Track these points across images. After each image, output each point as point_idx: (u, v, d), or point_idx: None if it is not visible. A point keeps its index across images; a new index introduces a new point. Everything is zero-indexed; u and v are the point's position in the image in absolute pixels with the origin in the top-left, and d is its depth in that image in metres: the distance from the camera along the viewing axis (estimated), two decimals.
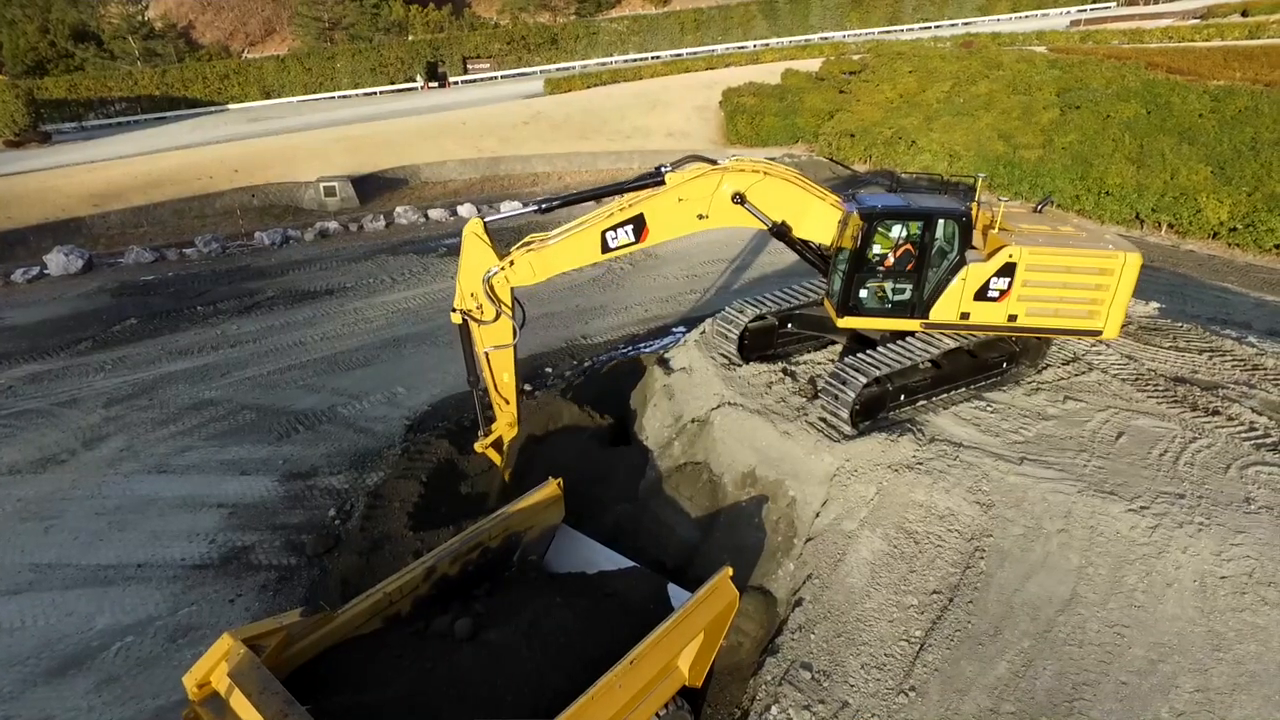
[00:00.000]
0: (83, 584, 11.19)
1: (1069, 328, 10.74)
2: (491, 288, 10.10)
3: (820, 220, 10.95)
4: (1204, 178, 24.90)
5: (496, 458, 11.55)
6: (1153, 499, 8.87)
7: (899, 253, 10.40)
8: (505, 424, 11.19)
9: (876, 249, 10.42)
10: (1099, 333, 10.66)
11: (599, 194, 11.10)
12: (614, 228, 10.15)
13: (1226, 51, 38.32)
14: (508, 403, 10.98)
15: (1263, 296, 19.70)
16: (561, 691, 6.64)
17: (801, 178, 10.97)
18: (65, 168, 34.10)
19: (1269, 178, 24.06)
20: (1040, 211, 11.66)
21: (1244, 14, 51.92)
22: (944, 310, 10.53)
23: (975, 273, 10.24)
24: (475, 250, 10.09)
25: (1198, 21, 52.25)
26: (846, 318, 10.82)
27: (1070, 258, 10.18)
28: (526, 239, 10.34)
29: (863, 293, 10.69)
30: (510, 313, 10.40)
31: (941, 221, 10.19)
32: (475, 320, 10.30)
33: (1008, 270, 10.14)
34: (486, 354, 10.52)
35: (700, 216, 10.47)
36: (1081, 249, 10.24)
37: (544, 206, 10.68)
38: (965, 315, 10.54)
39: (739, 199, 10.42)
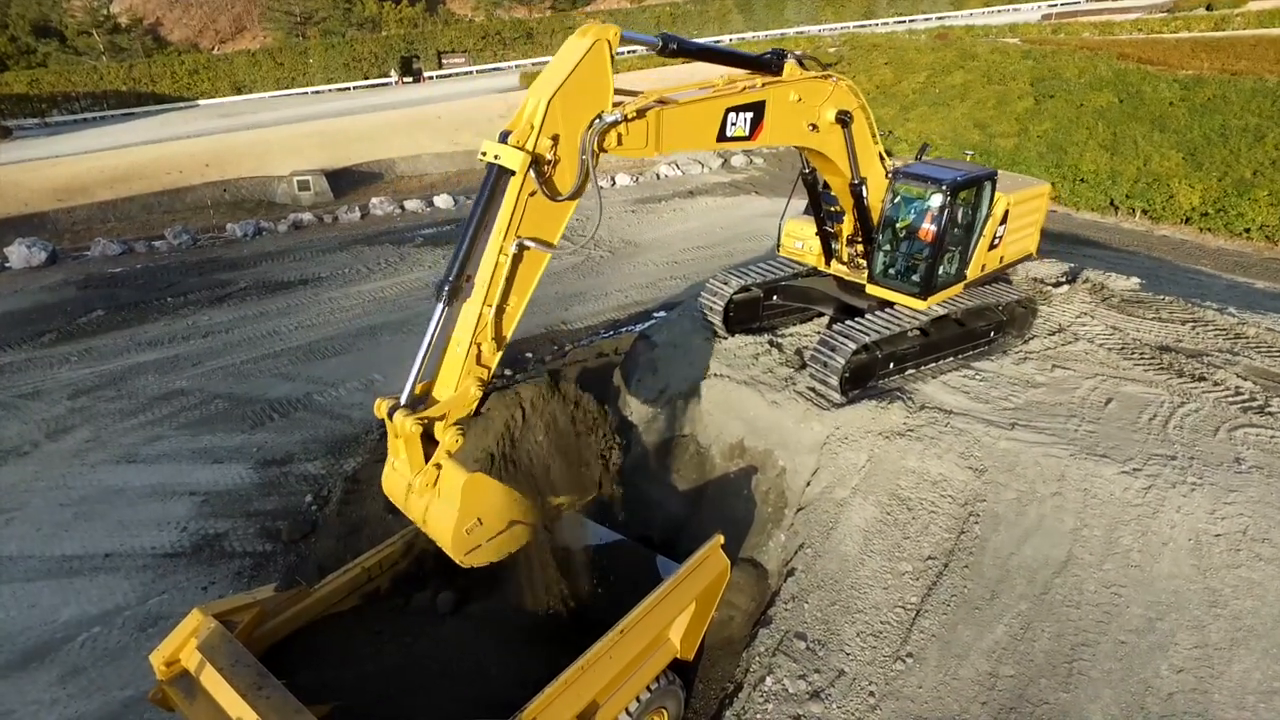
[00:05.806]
0: (46, 575, 10.73)
1: (1017, 256, 12.24)
2: (600, 140, 6.40)
3: (876, 188, 10.33)
4: (1176, 164, 25.22)
5: (418, 461, 6.15)
6: (1145, 461, 8.80)
7: (960, 222, 10.51)
8: (466, 396, 6.21)
9: (958, 221, 10.37)
10: (1031, 254, 12.55)
11: (718, 56, 8.18)
12: (738, 109, 7.87)
13: (1194, 43, 38.86)
14: (497, 349, 6.31)
15: (1234, 278, 19.99)
16: (549, 662, 6.38)
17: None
18: (27, 162, 33.08)
19: (1238, 163, 24.43)
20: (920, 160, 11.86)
21: (1209, 8, 52.84)
22: (974, 267, 11.08)
23: (990, 226, 10.91)
24: (596, 71, 6.21)
25: (1165, 15, 53.07)
26: (930, 298, 10.51)
27: (1027, 196, 11.61)
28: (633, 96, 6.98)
29: (940, 268, 10.48)
30: (584, 191, 6.48)
31: (987, 182, 10.53)
32: (541, 179, 6.00)
33: (1005, 217, 11.04)
34: (521, 246, 6.08)
35: (811, 127, 8.86)
36: (1027, 187, 11.86)
37: (671, 46, 7.16)
38: (984, 267, 11.28)
39: (845, 119, 9.13)
